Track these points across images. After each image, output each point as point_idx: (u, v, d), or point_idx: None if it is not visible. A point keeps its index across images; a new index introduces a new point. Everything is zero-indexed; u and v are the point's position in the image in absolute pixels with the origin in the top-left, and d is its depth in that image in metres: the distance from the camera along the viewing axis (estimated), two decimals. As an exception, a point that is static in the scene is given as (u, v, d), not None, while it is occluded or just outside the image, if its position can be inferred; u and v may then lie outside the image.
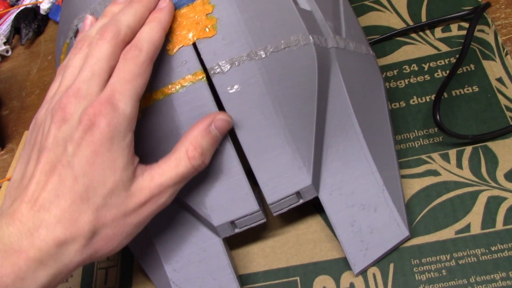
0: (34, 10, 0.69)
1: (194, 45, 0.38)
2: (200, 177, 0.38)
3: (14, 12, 0.70)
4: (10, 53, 0.67)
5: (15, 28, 0.68)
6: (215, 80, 0.38)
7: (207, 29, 0.38)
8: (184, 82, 0.38)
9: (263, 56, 0.38)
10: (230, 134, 0.38)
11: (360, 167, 0.39)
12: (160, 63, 0.38)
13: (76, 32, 0.43)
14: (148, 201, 0.33)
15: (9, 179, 0.52)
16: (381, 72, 0.45)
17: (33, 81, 0.63)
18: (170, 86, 0.38)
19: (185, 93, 0.38)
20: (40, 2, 0.69)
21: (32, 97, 0.61)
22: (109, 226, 0.32)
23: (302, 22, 0.39)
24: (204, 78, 0.37)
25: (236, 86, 0.37)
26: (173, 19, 0.39)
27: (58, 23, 0.51)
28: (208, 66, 0.38)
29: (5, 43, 0.67)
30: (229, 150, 0.37)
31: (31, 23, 0.67)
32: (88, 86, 0.33)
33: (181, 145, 0.35)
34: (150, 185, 0.33)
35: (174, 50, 0.38)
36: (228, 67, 0.38)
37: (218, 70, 0.38)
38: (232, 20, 0.38)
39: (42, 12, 0.69)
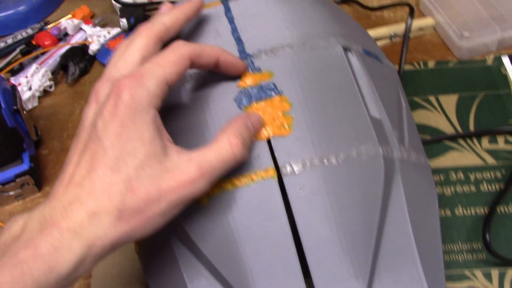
0: (82, 49, 0.70)
1: (268, 140, 0.39)
2: (256, 268, 0.38)
3: (61, 48, 0.70)
4: (53, 88, 0.68)
5: (62, 65, 0.68)
6: (286, 180, 0.38)
7: (283, 127, 0.39)
8: (255, 177, 0.38)
9: (334, 162, 0.39)
10: (294, 234, 0.38)
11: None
12: (232, 153, 0.39)
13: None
14: (186, 182, 0.33)
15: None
16: (435, 183, 0.46)
17: (75, 123, 0.63)
18: (240, 178, 0.38)
19: (254, 188, 0.38)
20: (90, 43, 0.70)
21: (73, 140, 0.61)
22: (142, 198, 0.32)
23: (373, 132, 0.40)
24: (276, 176, 0.38)
25: (305, 189, 0.38)
26: (250, 111, 0.40)
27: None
28: (280, 164, 0.38)
29: (50, 79, 0.67)
30: (291, 251, 0.38)
31: (79, 63, 0.68)
32: (121, 72, 0.35)
33: (222, 134, 0.35)
34: (188, 166, 0.33)
35: (249, 143, 0.39)
36: (300, 168, 0.38)
37: (289, 170, 0.38)
38: (308, 121, 0.39)
39: (90, 52, 0.70)
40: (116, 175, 0.31)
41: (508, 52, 0.62)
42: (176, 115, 0.41)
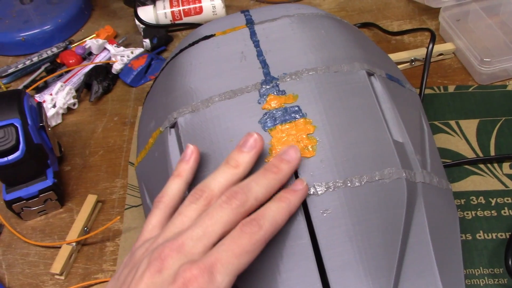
0: (106, 68, 0.71)
1: (292, 162, 0.39)
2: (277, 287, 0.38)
3: (85, 67, 0.72)
4: (76, 106, 0.69)
5: (86, 84, 0.70)
6: (309, 201, 0.39)
7: (307, 149, 0.40)
8: (279, 197, 0.39)
9: (357, 185, 0.39)
10: (316, 254, 0.38)
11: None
12: (257, 175, 0.39)
13: (174, 125, 0.44)
14: None
15: (68, 243, 0.53)
16: (456, 207, 0.46)
17: (97, 140, 0.64)
18: (264, 199, 0.39)
19: (278, 209, 0.39)
20: (114, 62, 0.71)
21: (95, 157, 0.62)
22: None
23: (396, 156, 0.41)
24: (299, 197, 0.38)
25: (328, 211, 0.38)
26: (274, 133, 0.40)
27: (144, 102, 0.52)
28: (304, 186, 0.39)
29: (74, 97, 0.68)
30: (313, 272, 0.38)
31: (102, 81, 0.69)
32: (194, 244, 0.32)
33: None
34: None
35: (272, 164, 0.39)
36: (323, 190, 0.39)
37: (313, 191, 0.39)
38: (332, 144, 0.40)
39: (113, 71, 0.71)
40: None
41: (529, 77, 0.62)
42: (201, 136, 0.42)
